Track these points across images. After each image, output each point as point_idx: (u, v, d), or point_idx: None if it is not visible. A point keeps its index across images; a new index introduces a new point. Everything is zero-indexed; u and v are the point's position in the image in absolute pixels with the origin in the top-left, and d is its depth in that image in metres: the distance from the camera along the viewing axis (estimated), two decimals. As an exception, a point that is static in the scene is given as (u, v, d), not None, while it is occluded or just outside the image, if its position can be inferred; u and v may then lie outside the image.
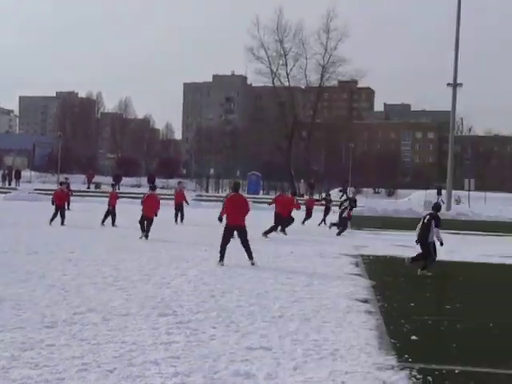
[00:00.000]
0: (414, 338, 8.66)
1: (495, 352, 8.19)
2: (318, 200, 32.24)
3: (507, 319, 10.34)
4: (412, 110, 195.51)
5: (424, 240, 15.71)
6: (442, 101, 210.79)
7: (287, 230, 25.41)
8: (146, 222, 21.33)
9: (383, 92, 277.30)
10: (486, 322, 9.88)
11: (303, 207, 31.37)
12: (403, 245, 23.04)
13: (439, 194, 65.56)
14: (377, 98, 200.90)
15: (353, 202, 29.28)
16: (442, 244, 15.70)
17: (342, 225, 27.13)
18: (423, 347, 8.22)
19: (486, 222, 43.04)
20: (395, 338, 8.63)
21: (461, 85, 51.39)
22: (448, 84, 51.98)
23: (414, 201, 67.16)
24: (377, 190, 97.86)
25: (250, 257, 15.57)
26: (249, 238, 15.79)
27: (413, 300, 11.62)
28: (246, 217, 15.99)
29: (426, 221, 16.03)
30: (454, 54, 51.21)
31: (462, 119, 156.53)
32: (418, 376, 6.89)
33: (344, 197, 47.64)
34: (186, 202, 30.22)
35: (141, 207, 22.03)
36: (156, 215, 21.74)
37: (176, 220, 28.58)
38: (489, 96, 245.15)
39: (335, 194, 61.43)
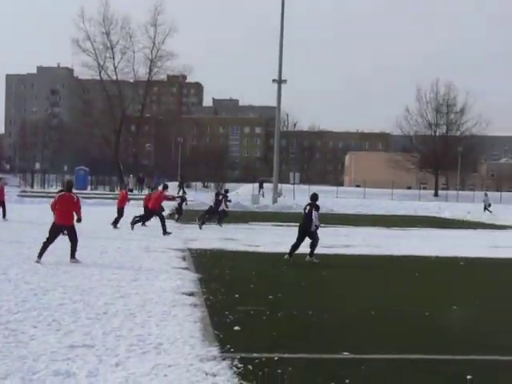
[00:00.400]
0: (236, 328, 8.84)
1: (312, 337, 8.54)
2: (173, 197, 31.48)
3: (323, 305, 10.82)
4: (240, 105, 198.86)
5: (308, 228, 17.02)
6: (268, 97, 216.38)
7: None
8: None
9: (212, 87, 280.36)
10: (305, 310, 10.31)
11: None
12: (231, 238, 23.51)
13: (261, 187, 67.72)
14: (205, 93, 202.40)
15: (226, 196, 30.19)
16: (316, 228, 17.01)
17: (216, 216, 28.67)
18: (245, 337, 8.42)
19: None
20: (219, 329, 8.78)
21: (285, 81, 53.02)
22: (273, 80, 53.45)
23: (243, 194, 68.41)
24: (206, 183, 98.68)
25: (73, 255, 15.19)
26: (78, 235, 15.41)
27: (237, 292, 11.84)
28: (81, 214, 15.66)
29: (307, 211, 17.35)
30: (279, 51, 52.82)
31: (288, 115, 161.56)
32: (239, 365, 7.05)
33: (181, 192, 47.71)
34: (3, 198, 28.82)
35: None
36: None
37: (-2, 217, 27.30)
38: (313, 93, 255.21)
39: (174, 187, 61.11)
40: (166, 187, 27.15)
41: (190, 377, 6.60)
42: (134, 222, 25.39)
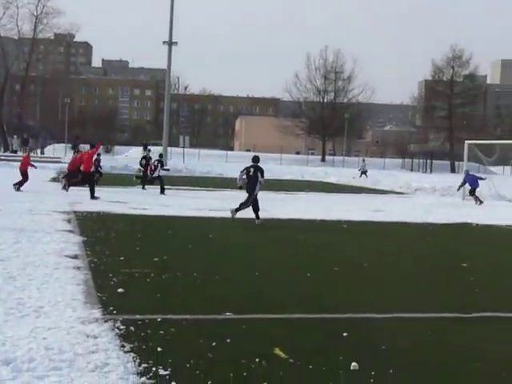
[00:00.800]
0: (120, 290, 8.79)
1: (196, 298, 8.61)
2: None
3: (208, 267, 10.92)
4: (130, 66, 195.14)
5: (251, 190, 18.08)
6: (159, 59, 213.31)
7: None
8: None
9: (101, 47, 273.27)
10: (190, 272, 10.37)
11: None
12: (118, 201, 23.23)
13: (145, 149, 66.94)
14: (95, 53, 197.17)
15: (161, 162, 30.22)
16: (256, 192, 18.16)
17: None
18: (129, 299, 8.38)
19: (199, 177, 44.90)
20: (102, 291, 8.71)
21: (176, 43, 52.46)
22: (164, 42, 52.74)
23: (132, 157, 67.53)
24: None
25: None
26: None
27: (123, 254, 11.74)
28: None
29: (251, 173, 18.21)
30: (170, 13, 52.09)
31: (179, 78, 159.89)
32: (122, 327, 7.03)
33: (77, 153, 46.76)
34: None
35: None
36: None
37: None
38: (204, 56, 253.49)
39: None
40: (92, 146, 26.69)
41: (70, 339, 6.53)
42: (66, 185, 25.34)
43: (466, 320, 8.17)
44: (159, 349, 6.32)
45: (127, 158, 68.89)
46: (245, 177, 18.63)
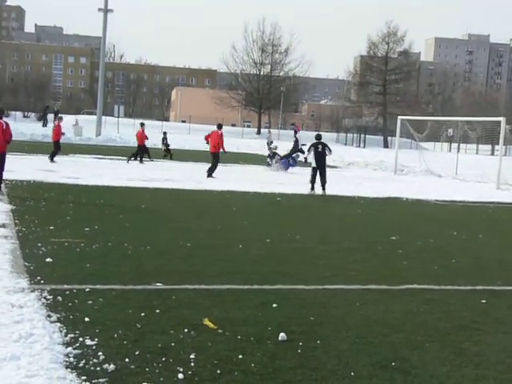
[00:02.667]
0: (49, 260, 8.66)
1: (126, 269, 8.54)
2: None
3: (139, 237, 10.82)
4: (65, 33, 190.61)
5: (324, 164, 21.52)
6: (95, 26, 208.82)
7: None
8: None
9: (35, 12, 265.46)
10: (121, 242, 10.28)
11: None
12: (51, 170, 22.79)
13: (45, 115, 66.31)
14: (28, 18, 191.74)
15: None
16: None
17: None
18: (57, 269, 8.26)
19: (133, 147, 44.35)
20: (30, 261, 8.55)
21: (111, 10, 51.46)
22: (99, 9, 51.66)
23: (65, 126, 66.24)
24: (26, 113, 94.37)
25: None
26: None
27: (53, 224, 11.56)
28: None
29: (320, 150, 21.27)
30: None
31: (114, 46, 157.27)
32: (49, 297, 6.93)
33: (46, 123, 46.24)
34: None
35: None
36: None
37: None
38: (141, 25, 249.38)
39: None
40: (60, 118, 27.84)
41: (-6, 309, 6.40)
42: None
43: (392, 292, 8.35)
44: (86, 319, 6.26)
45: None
46: (312, 153, 21.28)
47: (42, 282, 7.56)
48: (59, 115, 34.26)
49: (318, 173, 21.35)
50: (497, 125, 31.83)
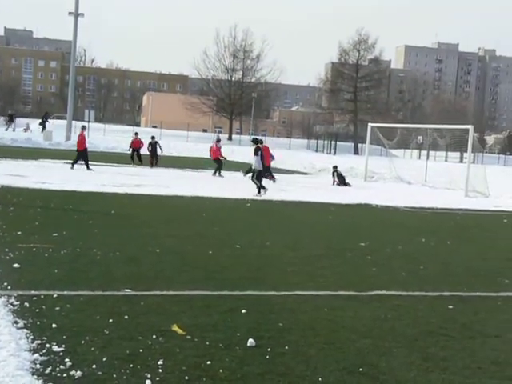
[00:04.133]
0: (16, 265, 8.57)
1: (95, 275, 8.47)
2: None
3: (108, 243, 10.75)
4: (35, 37, 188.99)
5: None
6: (65, 30, 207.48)
7: None
8: None
9: (4, 15, 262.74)
10: (90, 248, 10.20)
11: None
12: (19, 174, 22.56)
13: (11, 121, 65.99)
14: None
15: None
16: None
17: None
18: (25, 275, 8.18)
19: (104, 152, 44.16)
20: (-4, 266, 8.46)
21: (82, 14, 51.18)
22: (69, 13, 51.35)
23: (34, 130, 65.66)
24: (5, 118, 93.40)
25: None
26: None
27: (21, 229, 11.44)
28: None
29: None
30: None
31: (85, 50, 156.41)
32: (16, 303, 6.86)
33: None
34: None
35: None
36: None
37: None
38: (113, 29, 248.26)
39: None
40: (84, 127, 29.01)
41: (-41, 315, 6.31)
42: None
43: (361, 298, 8.40)
44: (54, 325, 6.21)
45: (30, 130, 66.87)
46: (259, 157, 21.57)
47: (9, 287, 7.48)
48: (83, 125, 34.05)
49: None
50: (465, 132, 32.22)
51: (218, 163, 30.06)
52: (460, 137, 37.24)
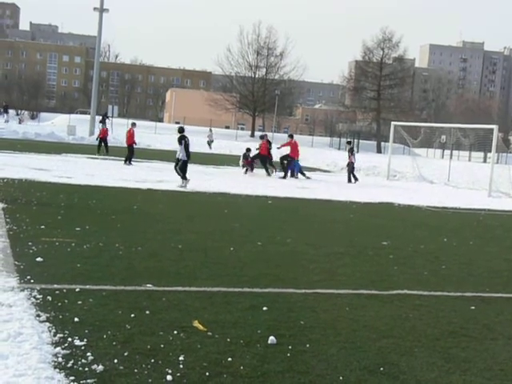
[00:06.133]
0: (39, 259, 8.64)
1: (117, 270, 8.52)
2: None
3: (131, 238, 10.81)
4: (59, 32, 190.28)
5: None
6: (90, 25, 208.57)
7: None
8: None
9: (30, 10, 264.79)
10: (113, 242, 10.27)
11: None
12: (43, 168, 22.74)
13: (6, 112, 66.48)
14: (23, 16, 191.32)
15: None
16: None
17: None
18: (48, 268, 8.24)
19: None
20: (20, 260, 8.54)
21: (107, 10, 51.41)
22: (95, 8, 51.61)
23: (58, 125, 66.14)
24: (20, 112, 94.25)
25: None
26: None
27: (44, 223, 11.53)
28: None
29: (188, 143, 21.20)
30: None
31: (110, 46, 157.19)
32: (38, 296, 6.92)
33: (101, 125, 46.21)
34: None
35: None
36: None
37: None
38: (137, 26, 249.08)
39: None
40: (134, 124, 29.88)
41: (-17, 308, 6.38)
42: None
43: (382, 297, 8.36)
44: (76, 319, 6.25)
45: (53, 125, 67.38)
46: (183, 146, 20.92)
47: (32, 281, 7.54)
48: (132, 121, 34.96)
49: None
50: (489, 132, 31.94)
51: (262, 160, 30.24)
52: (484, 137, 36.91)
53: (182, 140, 21.01)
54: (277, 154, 30.99)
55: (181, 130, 21.46)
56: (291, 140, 30.10)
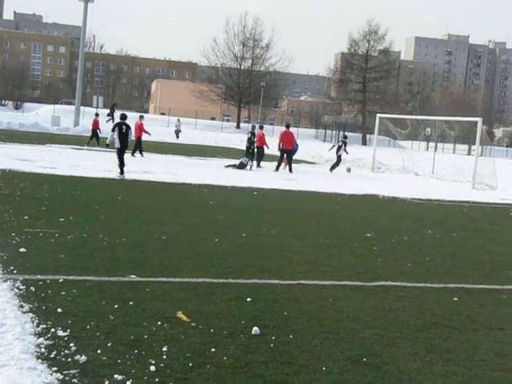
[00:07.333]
0: (22, 250, 8.59)
1: (101, 260, 8.49)
2: None
3: (114, 229, 10.78)
4: (44, 21, 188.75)
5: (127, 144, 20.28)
6: (75, 15, 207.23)
7: None
8: None
9: (14, 0, 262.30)
10: (97, 233, 10.23)
11: None
12: (27, 159, 22.60)
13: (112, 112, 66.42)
14: (6, 5, 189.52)
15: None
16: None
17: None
18: (31, 259, 8.20)
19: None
20: (3, 250, 8.49)
21: (92, 0, 51.06)
22: (79, -2, 51.23)
23: (42, 115, 65.75)
24: (3, 102, 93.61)
25: None
26: None
27: (28, 213, 11.48)
28: None
29: (124, 130, 19.86)
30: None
31: (95, 36, 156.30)
32: (22, 287, 6.89)
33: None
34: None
35: None
36: None
37: None
38: (122, 16, 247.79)
39: None
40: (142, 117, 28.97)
41: (-35, 298, 6.34)
42: None
43: (366, 288, 8.40)
44: (59, 310, 6.23)
45: (37, 115, 66.98)
46: (117, 133, 19.89)
47: (15, 271, 7.51)
48: (140, 114, 35.64)
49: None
50: (474, 125, 32.07)
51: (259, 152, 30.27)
52: (468, 129, 37.06)
53: (116, 127, 20.09)
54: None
55: (122, 117, 20.64)
56: (284, 131, 29.86)
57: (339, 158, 31.96)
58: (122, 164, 19.87)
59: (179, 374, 5.04)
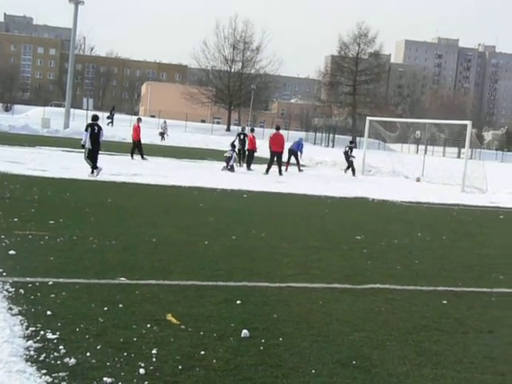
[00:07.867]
0: (12, 252, 8.57)
1: (91, 263, 8.48)
2: None
3: (104, 231, 10.76)
4: (34, 23, 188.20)
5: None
6: (65, 17, 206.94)
7: None
8: None
9: (3, 1, 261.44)
10: (86, 236, 10.21)
11: None
12: (17, 161, 22.52)
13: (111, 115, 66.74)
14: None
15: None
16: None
17: None
18: (20, 261, 8.18)
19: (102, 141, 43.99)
20: (-8, 253, 8.46)
21: (82, 2, 50.97)
22: (70, 0, 51.14)
23: (32, 117, 65.57)
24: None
25: None
26: None
27: (17, 216, 11.44)
28: None
29: (96, 131, 20.62)
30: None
31: (85, 38, 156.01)
32: (11, 289, 6.87)
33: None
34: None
35: None
36: None
37: None
38: (112, 18, 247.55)
39: None
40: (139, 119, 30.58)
41: (-46, 301, 6.32)
42: None
43: (355, 291, 8.42)
44: (49, 312, 6.22)
45: (27, 117, 66.77)
46: (89, 134, 20.64)
47: (5, 274, 7.49)
48: (138, 117, 35.90)
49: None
50: (463, 128, 32.22)
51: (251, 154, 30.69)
52: (458, 132, 37.24)
53: (88, 127, 20.86)
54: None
55: (94, 118, 21.40)
56: (274, 133, 29.96)
57: (351, 163, 32.85)
58: (93, 162, 20.43)
59: (168, 377, 5.04)
